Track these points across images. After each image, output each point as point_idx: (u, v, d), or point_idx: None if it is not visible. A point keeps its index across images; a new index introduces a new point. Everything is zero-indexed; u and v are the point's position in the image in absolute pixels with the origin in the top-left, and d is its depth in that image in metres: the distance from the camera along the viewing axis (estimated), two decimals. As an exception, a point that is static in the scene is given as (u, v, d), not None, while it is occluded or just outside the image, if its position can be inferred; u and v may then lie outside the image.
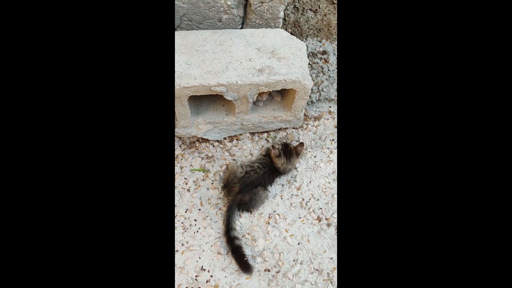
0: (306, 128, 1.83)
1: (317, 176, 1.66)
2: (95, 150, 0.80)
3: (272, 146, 1.55)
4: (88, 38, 0.80)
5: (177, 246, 1.42)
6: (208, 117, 1.65)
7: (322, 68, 1.97)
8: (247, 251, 1.42)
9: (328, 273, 1.39)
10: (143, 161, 0.82)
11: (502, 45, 0.79)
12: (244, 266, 1.36)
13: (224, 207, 1.53)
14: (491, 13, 0.80)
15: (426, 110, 0.82)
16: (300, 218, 1.53)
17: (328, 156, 1.73)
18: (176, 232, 1.45)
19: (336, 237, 1.48)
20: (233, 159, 1.68)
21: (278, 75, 1.49)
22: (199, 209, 1.53)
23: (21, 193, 0.76)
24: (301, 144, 1.58)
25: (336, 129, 1.83)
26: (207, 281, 1.35)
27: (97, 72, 0.81)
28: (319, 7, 1.97)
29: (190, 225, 1.48)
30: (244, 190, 1.48)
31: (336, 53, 2.02)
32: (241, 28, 1.81)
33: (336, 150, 1.74)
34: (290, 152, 1.57)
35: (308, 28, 2.01)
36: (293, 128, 1.81)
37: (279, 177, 1.63)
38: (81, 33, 0.80)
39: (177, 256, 1.40)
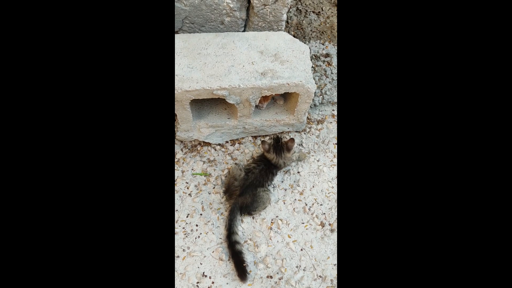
0: (309, 131, 1.81)
1: (320, 180, 1.64)
2: (94, 153, 0.79)
3: (263, 141, 1.54)
4: (87, 38, 0.79)
5: (178, 251, 1.40)
6: (210, 120, 1.63)
7: (325, 71, 1.95)
8: (249, 257, 1.40)
9: (331, 280, 1.37)
10: (143, 165, 0.81)
11: (502, 45, 0.78)
12: (242, 272, 1.33)
13: (226, 212, 1.51)
14: (490, 15, 0.79)
15: (427, 113, 0.81)
16: (303, 223, 1.51)
17: (332, 160, 1.71)
18: (177, 237, 1.43)
19: (339, 243, 1.46)
20: (235, 163, 1.66)
21: (281, 78, 1.47)
22: (201, 214, 1.51)
23: (18, 204, 0.74)
24: (292, 139, 1.57)
25: (339, 133, 1.81)
26: (208, 288, 1.33)
27: (96, 75, 0.80)
28: (322, 10, 1.96)
29: (191, 230, 1.46)
30: (245, 192, 1.46)
31: (339, 56, 2.00)
32: (244, 31, 1.79)
33: (339, 154, 1.73)
34: (281, 147, 1.55)
35: (311, 30, 1.99)
36: (296, 131, 1.79)
37: (282, 180, 1.62)
38: (80, 35, 0.79)
39: (178, 262, 1.38)
